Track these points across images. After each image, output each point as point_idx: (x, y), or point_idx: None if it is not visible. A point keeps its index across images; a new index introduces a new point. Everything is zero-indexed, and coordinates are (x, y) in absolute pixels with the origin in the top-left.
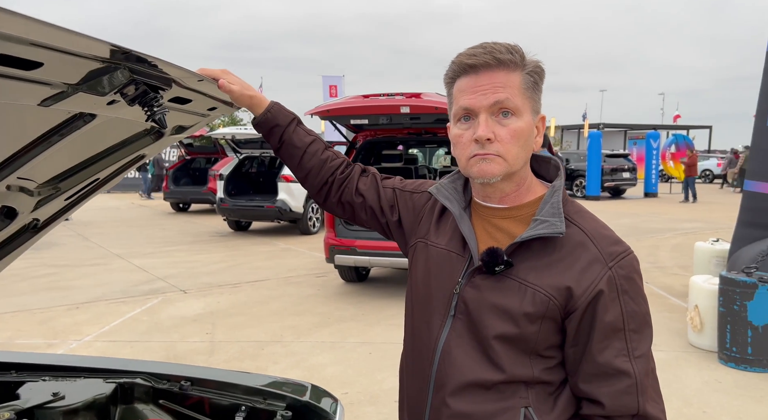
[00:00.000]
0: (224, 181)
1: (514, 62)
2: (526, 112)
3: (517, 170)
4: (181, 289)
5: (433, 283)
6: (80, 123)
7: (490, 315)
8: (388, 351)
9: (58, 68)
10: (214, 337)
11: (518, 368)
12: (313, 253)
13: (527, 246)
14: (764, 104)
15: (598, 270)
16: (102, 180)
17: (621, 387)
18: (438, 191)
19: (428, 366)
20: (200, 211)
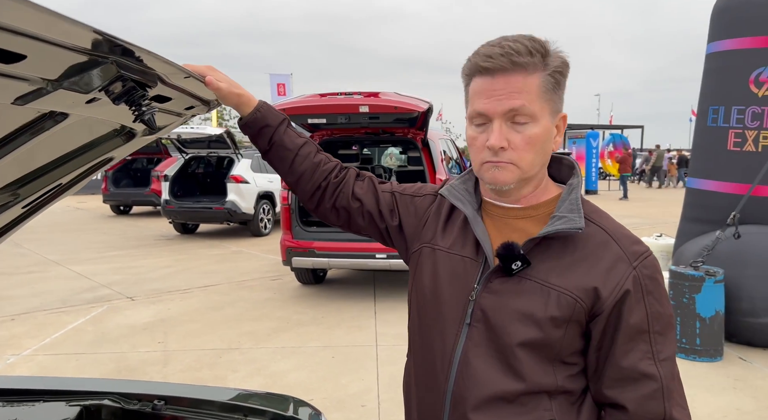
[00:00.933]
0: (169, 182)
1: (533, 65)
2: (544, 116)
3: (532, 176)
4: (128, 296)
5: (444, 289)
6: (50, 123)
7: (512, 321)
8: (350, 354)
9: (41, 62)
10: (167, 346)
11: (542, 377)
12: (267, 255)
13: (546, 245)
14: (704, 105)
15: (624, 270)
16: (65, 185)
17: (647, 391)
18: (450, 193)
19: (444, 379)
20: (142, 214)
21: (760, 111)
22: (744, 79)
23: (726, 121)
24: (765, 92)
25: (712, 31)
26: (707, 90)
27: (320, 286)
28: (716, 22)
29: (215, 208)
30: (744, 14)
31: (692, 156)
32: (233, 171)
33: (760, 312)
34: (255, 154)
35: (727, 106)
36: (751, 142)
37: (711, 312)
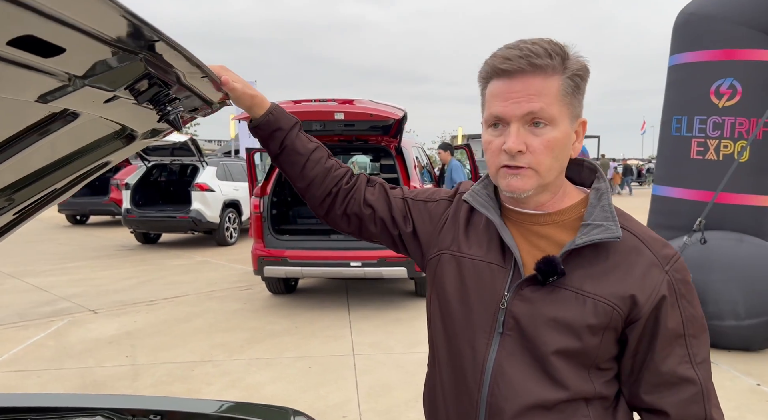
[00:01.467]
0: (131, 191)
1: (552, 67)
2: (563, 121)
3: (550, 181)
4: (90, 309)
5: (472, 297)
6: (58, 124)
7: (547, 330)
8: (328, 364)
9: (76, 56)
10: (135, 359)
11: (579, 384)
12: (234, 265)
13: (578, 253)
14: (668, 115)
15: (658, 274)
16: (59, 190)
17: (687, 395)
18: (473, 199)
19: (476, 390)
20: (100, 224)
21: (720, 121)
22: (705, 91)
23: (689, 130)
24: (725, 103)
25: (674, 44)
26: (670, 100)
27: (292, 295)
28: (678, 35)
29: (179, 217)
30: (704, 29)
31: (657, 164)
32: (198, 179)
33: (725, 315)
34: (220, 161)
35: (690, 116)
36: (713, 150)
37: None
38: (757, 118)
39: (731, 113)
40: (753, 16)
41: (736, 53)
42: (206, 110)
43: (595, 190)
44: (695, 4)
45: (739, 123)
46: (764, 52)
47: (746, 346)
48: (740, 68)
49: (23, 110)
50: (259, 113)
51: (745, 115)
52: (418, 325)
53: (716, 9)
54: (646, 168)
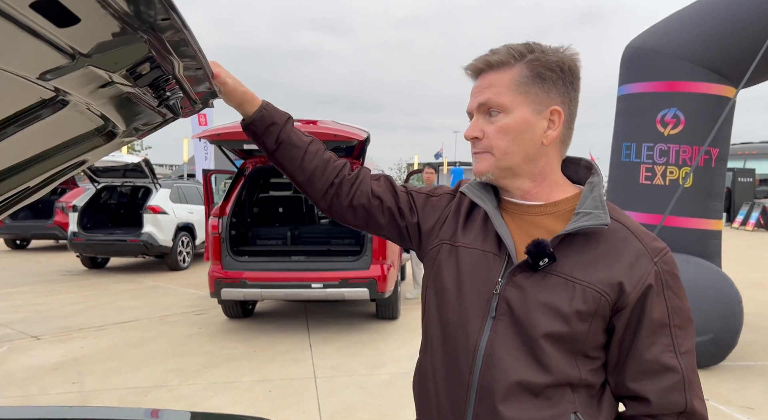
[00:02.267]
0: (79, 213)
1: (505, 62)
2: (518, 108)
3: (513, 165)
4: (32, 335)
5: (467, 284)
6: (46, 112)
7: (537, 314)
8: (288, 388)
9: (87, 29)
10: (83, 386)
11: (566, 369)
12: (187, 289)
13: (569, 241)
14: (618, 142)
15: (646, 264)
16: (32, 189)
17: (668, 383)
18: (470, 191)
19: (468, 372)
20: (43, 248)
21: (666, 148)
22: (651, 119)
23: (637, 156)
24: (670, 131)
25: (622, 75)
26: (620, 128)
27: (250, 319)
28: (625, 67)
29: (130, 241)
30: (649, 61)
31: (609, 189)
32: (151, 201)
33: None
34: (174, 183)
35: (638, 143)
36: (660, 176)
37: None
38: (699, 145)
39: (676, 141)
40: (693, 51)
41: (679, 85)
42: (189, 110)
43: (589, 183)
44: (641, 38)
45: (683, 150)
46: (703, 85)
47: None
48: (683, 99)
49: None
50: (251, 110)
51: (688, 143)
52: (381, 346)
53: (660, 44)
54: None
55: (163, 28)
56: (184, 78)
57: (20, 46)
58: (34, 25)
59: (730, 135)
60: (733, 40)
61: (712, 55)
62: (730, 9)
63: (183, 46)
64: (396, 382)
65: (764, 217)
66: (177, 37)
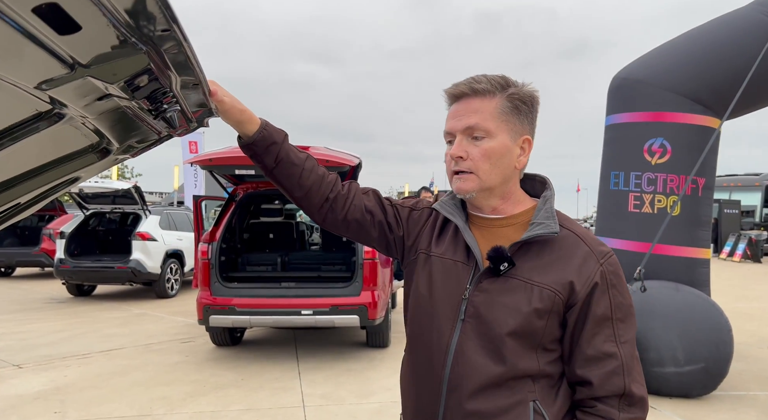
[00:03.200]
0: (66, 240)
1: (489, 91)
2: (500, 135)
3: (493, 186)
4: (14, 364)
5: (440, 291)
6: (41, 125)
7: (501, 314)
8: (277, 416)
9: (88, 38)
10: (65, 415)
11: (526, 362)
12: (174, 317)
13: (527, 248)
14: (606, 170)
15: (593, 265)
16: (22, 205)
17: (609, 368)
18: (442, 207)
19: (441, 368)
20: (28, 276)
21: (654, 177)
22: (639, 149)
23: (626, 185)
24: (657, 160)
25: (610, 105)
26: (608, 156)
27: (238, 347)
28: (612, 97)
29: (118, 268)
30: (635, 92)
31: (598, 216)
32: (140, 227)
33: (666, 361)
34: (164, 210)
35: (626, 172)
36: (648, 204)
37: None
38: (686, 175)
39: (663, 170)
40: (677, 82)
41: (665, 116)
42: (184, 128)
43: (543, 197)
44: (627, 69)
45: (671, 179)
46: (688, 116)
47: (686, 393)
48: (669, 129)
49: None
50: (251, 129)
51: (675, 172)
52: (371, 375)
53: (646, 74)
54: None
55: (163, 40)
56: (181, 94)
57: (21, 52)
58: (36, 31)
59: (716, 165)
60: (715, 72)
61: (695, 87)
62: (712, 41)
63: (182, 59)
64: (386, 410)
65: (750, 248)
66: (176, 50)
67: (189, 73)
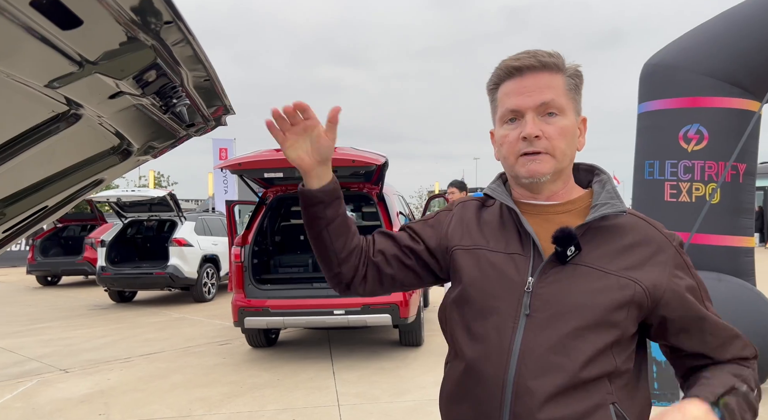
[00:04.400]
0: (106, 248)
1: (556, 65)
2: (570, 113)
3: (564, 168)
4: (61, 368)
5: (495, 286)
6: (60, 126)
7: (573, 307)
8: (313, 416)
9: (91, 33)
10: (109, 417)
11: (603, 360)
12: (212, 320)
13: (592, 235)
14: (640, 160)
15: (668, 249)
16: (50, 208)
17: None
18: (494, 192)
19: (502, 372)
20: (73, 284)
21: (690, 165)
22: (674, 136)
23: (661, 174)
24: (694, 147)
25: (642, 92)
26: (642, 146)
27: (273, 348)
28: (645, 85)
29: (156, 274)
30: (669, 78)
31: (633, 207)
32: (176, 234)
33: None
34: (199, 216)
35: (661, 161)
36: (686, 193)
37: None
38: (724, 161)
39: (700, 157)
40: (713, 66)
41: (700, 101)
42: (201, 126)
43: (598, 181)
44: (659, 55)
45: (708, 166)
46: (726, 100)
47: None
48: (705, 115)
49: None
50: (326, 178)
51: (713, 159)
52: (404, 373)
53: (679, 60)
54: None
55: (167, 34)
56: (193, 90)
57: (25, 49)
58: (38, 26)
59: (757, 150)
60: (753, 53)
61: (732, 69)
62: (749, 20)
63: (189, 53)
64: (421, 408)
65: None
66: (183, 44)
67: (199, 68)
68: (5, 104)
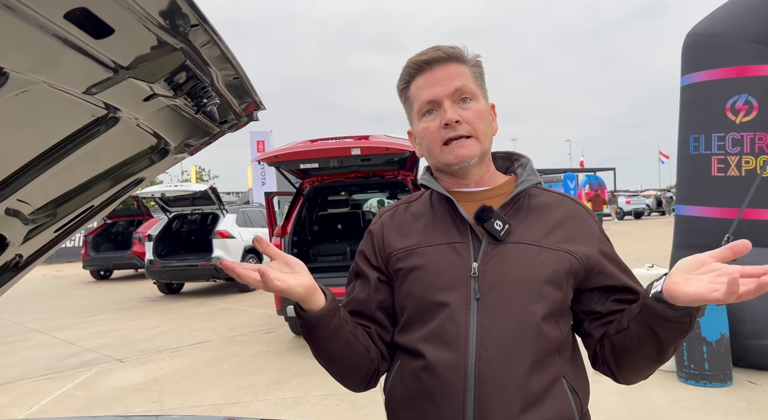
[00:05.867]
0: (153, 242)
1: (461, 57)
2: (481, 98)
3: (487, 150)
4: (117, 358)
5: (442, 278)
6: (101, 129)
7: (518, 283)
8: (356, 400)
9: (123, 40)
10: (163, 405)
11: (553, 334)
12: (256, 309)
13: (525, 213)
14: (685, 134)
15: (592, 222)
16: (96, 207)
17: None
18: (428, 182)
19: (463, 361)
20: (124, 278)
21: (739, 137)
22: (721, 108)
23: (707, 148)
24: (742, 119)
25: (685, 64)
26: (686, 120)
27: None
28: (688, 56)
29: (201, 265)
30: (714, 47)
31: (678, 183)
32: (219, 226)
33: (764, 333)
34: (240, 208)
35: (707, 134)
36: (735, 166)
37: (716, 335)
38: None
39: (750, 128)
40: (762, 31)
41: (748, 70)
42: (234, 122)
43: (520, 166)
44: (703, 24)
45: (759, 138)
46: None
47: None
48: (754, 84)
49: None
50: (321, 301)
51: (764, 130)
52: None
53: (724, 28)
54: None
55: (194, 35)
56: (224, 88)
57: (63, 59)
58: (73, 37)
59: None
60: None
61: None
62: None
63: (217, 53)
64: None
65: None
66: (210, 45)
67: (227, 67)
68: (49, 111)
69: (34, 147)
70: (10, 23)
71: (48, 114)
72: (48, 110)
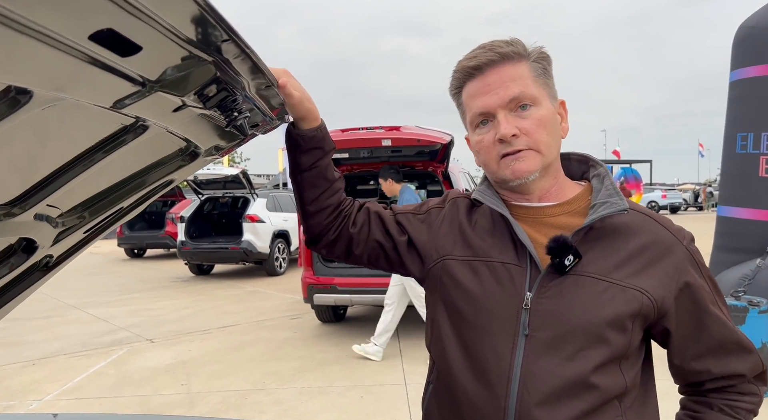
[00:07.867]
0: (185, 224)
1: (518, 53)
2: (545, 99)
3: (552, 161)
4: (147, 338)
5: (490, 301)
6: (129, 137)
7: (575, 324)
8: (380, 394)
9: (151, 56)
10: (190, 388)
11: (612, 380)
12: (283, 294)
13: (595, 239)
14: (732, 132)
15: (680, 251)
16: (125, 209)
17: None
18: (483, 196)
19: (503, 397)
20: (157, 257)
21: None
22: None
23: (756, 147)
24: None
25: (736, 59)
26: (734, 117)
27: (341, 324)
28: (739, 50)
29: (231, 248)
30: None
31: (721, 183)
32: (249, 210)
33: None
34: (270, 193)
35: (757, 133)
36: None
37: (757, 344)
38: None
39: None
40: None
41: None
42: (266, 126)
43: (596, 176)
44: (756, 17)
45: None
46: None
47: None
48: None
49: (99, 122)
50: (308, 127)
51: None
52: None
53: None
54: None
55: (225, 49)
56: (257, 96)
57: (88, 78)
58: (99, 56)
59: None
60: None
61: None
62: None
63: (249, 64)
64: None
65: None
66: (241, 57)
67: (260, 76)
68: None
69: (61, 156)
70: (31, 47)
71: (75, 125)
72: (75, 121)
